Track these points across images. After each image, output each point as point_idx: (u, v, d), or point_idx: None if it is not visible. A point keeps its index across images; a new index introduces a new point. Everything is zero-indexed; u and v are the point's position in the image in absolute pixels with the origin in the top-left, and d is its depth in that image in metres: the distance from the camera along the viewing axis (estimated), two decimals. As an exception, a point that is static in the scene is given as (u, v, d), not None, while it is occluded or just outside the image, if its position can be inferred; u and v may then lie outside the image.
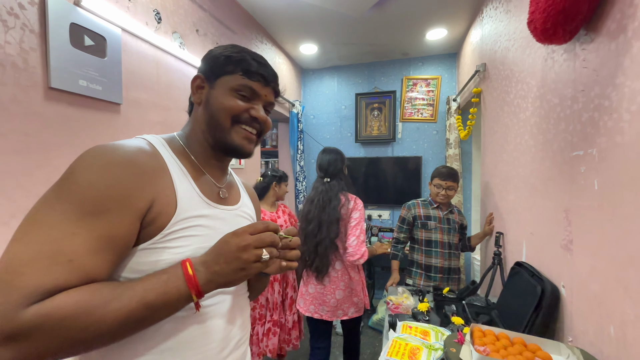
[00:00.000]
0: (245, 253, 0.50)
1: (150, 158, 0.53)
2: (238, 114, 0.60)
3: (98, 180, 0.46)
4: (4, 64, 0.91)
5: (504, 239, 1.66)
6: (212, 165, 0.65)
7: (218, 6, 1.97)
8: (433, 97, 3.21)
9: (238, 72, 0.60)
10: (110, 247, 0.46)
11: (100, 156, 0.48)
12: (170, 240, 0.52)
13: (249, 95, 0.61)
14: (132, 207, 0.47)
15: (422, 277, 1.95)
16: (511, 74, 1.56)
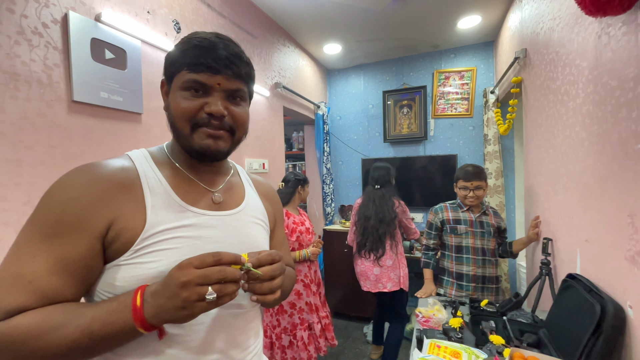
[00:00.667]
0: (184, 290, 0.43)
1: (117, 174, 0.52)
2: (192, 115, 0.54)
3: (56, 204, 0.47)
4: (30, 80, 0.97)
5: (552, 246, 1.46)
6: (201, 170, 0.62)
7: (238, 12, 1.98)
8: (468, 90, 2.98)
9: (184, 68, 0.54)
10: (67, 268, 0.46)
11: (64, 179, 0.49)
12: (141, 256, 0.50)
13: (201, 89, 0.54)
14: (87, 228, 0.47)
15: (454, 286, 1.79)
16: (557, 58, 1.36)
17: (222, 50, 0.54)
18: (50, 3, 1.01)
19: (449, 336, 1.16)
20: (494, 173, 2.70)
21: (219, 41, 0.55)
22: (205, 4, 1.71)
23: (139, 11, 1.33)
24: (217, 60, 0.53)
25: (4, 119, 0.91)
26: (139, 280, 0.49)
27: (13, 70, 0.93)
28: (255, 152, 2.20)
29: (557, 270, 1.40)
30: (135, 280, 0.49)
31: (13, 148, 0.92)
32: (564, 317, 1.09)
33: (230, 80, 0.55)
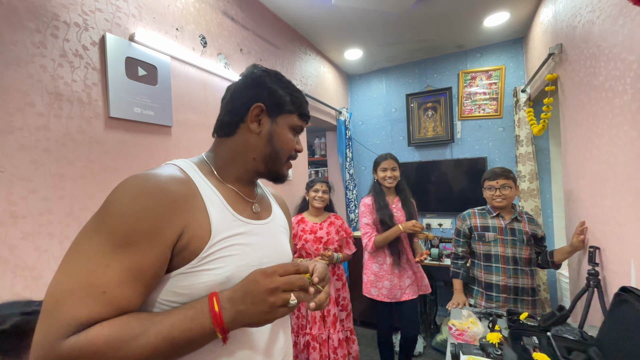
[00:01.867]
0: (272, 296, 0.48)
1: (181, 185, 0.54)
2: (292, 150, 0.67)
3: (128, 213, 0.47)
4: (71, 99, 1.03)
5: (600, 256, 1.34)
6: (242, 182, 0.67)
7: (260, 24, 2.02)
8: (496, 89, 2.85)
9: (296, 113, 0.66)
10: (140, 278, 0.47)
11: (132, 188, 0.49)
12: (208, 263, 0.53)
13: (298, 132, 0.69)
14: (161, 238, 0.48)
15: (483, 296, 1.68)
16: (599, 52, 1.27)
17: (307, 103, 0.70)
18: (89, 27, 1.08)
19: (487, 352, 1.09)
20: (528, 176, 2.55)
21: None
22: (229, 17, 1.77)
23: (169, 29, 1.39)
24: (308, 113, 0.70)
25: (49, 136, 0.97)
26: (206, 286, 0.51)
27: (57, 91, 0.99)
28: (279, 160, 2.22)
29: (606, 282, 1.28)
30: (202, 287, 0.51)
31: (57, 163, 0.98)
32: (619, 335, 0.99)
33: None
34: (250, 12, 1.94)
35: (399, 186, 2.00)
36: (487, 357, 1.07)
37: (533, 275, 1.66)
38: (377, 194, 1.94)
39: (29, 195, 0.92)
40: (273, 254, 0.66)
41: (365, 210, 1.95)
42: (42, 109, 0.96)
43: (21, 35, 0.92)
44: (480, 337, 1.21)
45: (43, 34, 0.97)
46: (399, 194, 2.00)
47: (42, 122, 0.95)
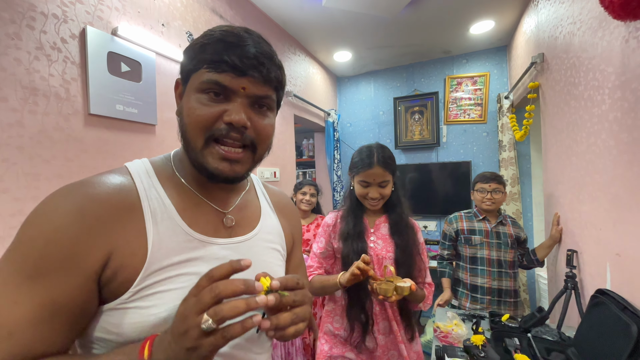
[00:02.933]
0: (185, 324, 0.35)
1: (114, 197, 0.42)
2: (208, 124, 0.44)
3: (37, 236, 0.38)
4: (48, 95, 0.98)
5: (578, 259, 1.39)
6: (211, 187, 0.52)
7: (249, 22, 2.00)
8: (481, 95, 2.93)
9: (202, 66, 0.44)
10: (56, 315, 0.38)
11: (47, 204, 0.40)
12: (141, 299, 0.41)
13: (222, 93, 0.45)
14: (77, 266, 0.38)
15: (469, 298, 1.72)
16: (578, 62, 1.31)
17: (251, 47, 0.44)
18: (68, 19, 1.03)
19: (471, 354, 1.11)
20: (510, 180, 2.62)
21: (247, 36, 0.45)
22: (217, 15, 1.73)
23: (154, 24, 1.35)
24: (243, 59, 0.43)
25: (23, 133, 0.92)
26: (138, 329, 0.41)
27: (32, 85, 0.94)
28: (266, 161, 2.18)
29: (583, 284, 1.33)
30: (133, 329, 0.41)
31: (31, 162, 0.93)
32: (594, 336, 1.02)
33: (258, 84, 0.45)
34: (240, 10, 1.91)
35: (391, 201, 1.15)
36: (471, 359, 1.08)
37: (516, 277, 1.70)
38: (351, 209, 1.15)
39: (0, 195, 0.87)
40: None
41: (322, 232, 1.18)
42: (16, 104, 0.90)
43: (-7, 25, 0.87)
44: (465, 339, 1.23)
45: (18, 24, 0.91)
46: (389, 212, 1.16)
47: (15, 118, 0.90)
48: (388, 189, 1.10)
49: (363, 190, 1.09)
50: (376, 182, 1.07)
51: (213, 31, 0.46)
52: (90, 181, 0.43)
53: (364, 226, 1.13)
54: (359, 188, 1.10)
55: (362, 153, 1.10)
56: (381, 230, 1.15)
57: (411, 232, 1.12)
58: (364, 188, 1.09)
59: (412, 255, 1.09)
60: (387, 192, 1.10)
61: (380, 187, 1.08)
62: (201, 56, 0.44)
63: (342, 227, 1.12)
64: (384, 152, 1.09)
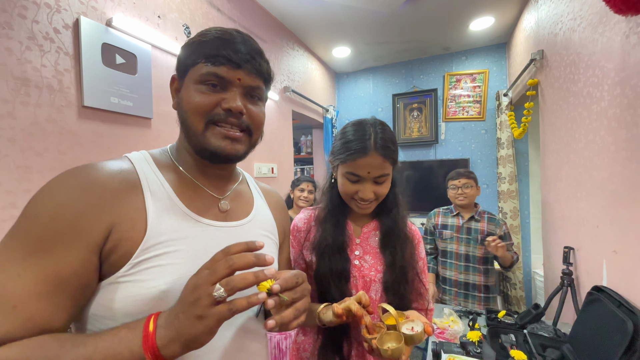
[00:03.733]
0: (197, 293, 0.37)
1: (115, 177, 0.45)
2: (207, 110, 0.49)
3: (43, 213, 0.39)
4: (40, 86, 0.96)
5: (574, 256, 1.39)
6: (209, 174, 0.56)
7: (247, 16, 1.97)
8: (480, 93, 2.92)
9: (201, 60, 0.49)
10: (59, 288, 0.39)
11: (52, 184, 0.42)
12: (141, 272, 0.43)
13: (219, 84, 0.49)
14: (81, 239, 0.40)
15: (440, 289, 1.83)
16: (578, 59, 1.31)
17: (242, 44, 0.50)
18: (61, 8, 1.01)
19: (467, 351, 1.11)
20: (508, 177, 2.63)
21: (238, 35, 0.51)
22: (215, 7, 1.71)
23: (150, 16, 1.33)
24: (238, 54, 0.49)
25: (15, 125, 0.90)
26: (137, 302, 0.42)
27: (24, 75, 0.92)
28: (264, 157, 2.18)
29: (580, 281, 1.34)
30: (133, 302, 0.42)
31: (22, 154, 0.91)
32: (590, 332, 1.03)
33: (251, 76, 0.51)
34: (237, 3, 1.88)
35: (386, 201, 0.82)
36: (467, 355, 1.08)
37: (487, 273, 1.70)
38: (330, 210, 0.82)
39: (-9, 188, 0.85)
40: None
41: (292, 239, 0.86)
42: (7, 95, 0.88)
43: (-17, 13, 0.85)
44: (461, 335, 1.23)
45: (9, 13, 0.89)
46: (382, 216, 0.84)
47: (6, 109, 0.88)
48: (386, 186, 0.76)
49: (351, 186, 0.74)
50: (371, 176, 0.72)
51: (208, 31, 0.52)
52: (94, 164, 0.46)
53: (346, 235, 0.80)
54: (345, 183, 0.75)
55: (353, 132, 0.74)
56: (369, 241, 0.81)
57: (409, 245, 0.80)
58: (353, 184, 0.74)
59: (407, 278, 0.77)
60: (384, 190, 0.76)
61: (377, 184, 0.74)
62: (199, 51, 0.49)
63: (316, 236, 0.80)
64: (384, 133, 0.73)
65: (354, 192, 0.74)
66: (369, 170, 0.71)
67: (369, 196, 0.73)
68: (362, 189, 0.73)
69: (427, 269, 1.69)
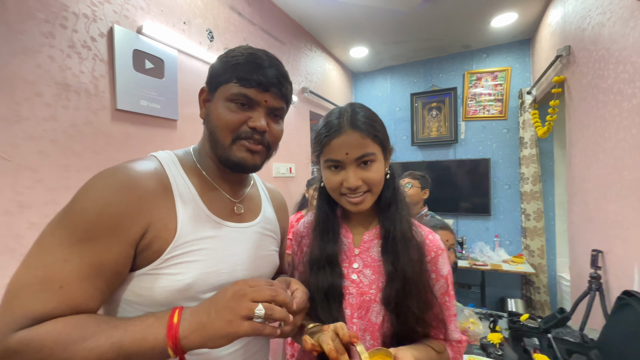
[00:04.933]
0: (237, 302, 0.44)
1: (151, 180, 0.50)
2: (236, 127, 0.55)
3: (90, 207, 0.44)
4: (79, 91, 1.03)
5: (603, 259, 1.34)
6: (226, 179, 0.61)
7: (266, 19, 2.02)
8: (502, 91, 2.84)
9: (233, 80, 0.54)
10: (100, 274, 0.44)
11: (99, 182, 0.47)
12: (170, 267, 0.49)
13: (247, 103, 0.55)
14: (123, 234, 0.46)
15: None
16: (608, 55, 1.26)
17: (271, 69, 0.55)
18: (97, 18, 1.08)
19: (487, 352, 1.09)
20: (531, 178, 2.54)
21: (267, 59, 0.56)
22: (236, 12, 1.76)
23: (176, 22, 1.39)
24: (267, 78, 0.54)
25: (57, 127, 0.97)
26: (165, 291, 0.48)
27: (65, 81, 0.99)
28: (282, 157, 2.22)
29: (609, 286, 1.29)
30: (161, 292, 0.48)
31: (63, 154, 0.99)
32: (620, 339, 0.99)
33: (276, 99, 0.57)
34: (257, 7, 1.93)
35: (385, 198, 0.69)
36: (488, 356, 1.07)
37: None
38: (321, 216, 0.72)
39: (35, 185, 0.92)
40: (250, 262, 0.60)
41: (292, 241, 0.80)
42: (50, 100, 0.96)
43: (29, 24, 0.92)
44: (481, 337, 1.21)
45: (52, 24, 0.96)
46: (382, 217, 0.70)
47: (49, 113, 0.95)
48: (375, 170, 0.63)
49: (334, 177, 0.64)
50: (351, 157, 0.61)
51: (241, 52, 0.56)
52: (131, 166, 0.51)
53: (340, 245, 0.69)
54: (328, 176, 0.65)
55: (326, 117, 0.66)
56: (371, 251, 0.68)
57: (414, 251, 0.64)
58: (335, 173, 0.64)
59: (413, 292, 0.61)
60: (373, 175, 0.62)
61: (362, 168, 0.62)
62: (232, 72, 0.54)
63: (308, 246, 0.71)
64: (363, 110, 0.66)
65: (338, 183, 0.63)
66: (346, 150, 0.61)
67: (354, 183, 0.61)
68: (346, 176, 0.62)
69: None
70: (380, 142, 0.65)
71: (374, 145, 0.63)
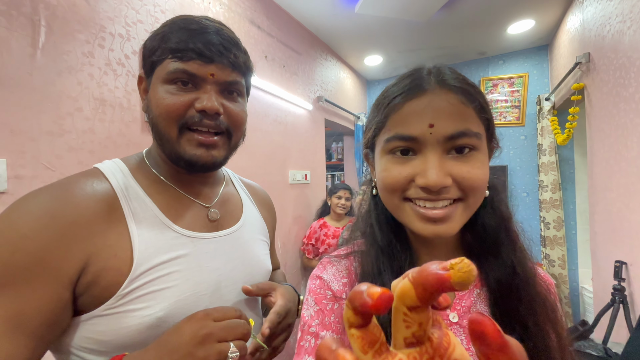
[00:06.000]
0: (202, 348, 0.34)
1: (90, 199, 0.40)
2: (180, 113, 0.43)
3: (3, 245, 0.35)
4: (114, 105, 1.11)
5: (627, 271, 1.31)
6: (191, 181, 0.51)
7: (284, 31, 2.08)
8: (519, 97, 2.81)
9: (167, 56, 0.43)
10: (22, 328, 0.35)
11: (13, 211, 0.38)
12: (132, 301, 0.39)
13: (190, 81, 0.44)
14: (48, 273, 0.36)
15: None
16: (629, 63, 1.24)
17: (214, 35, 0.44)
18: (131, 37, 1.16)
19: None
20: (550, 186, 2.49)
21: (209, 24, 0.45)
22: (255, 25, 1.83)
23: (200, 38, 1.47)
24: (209, 46, 0.43)
25: (94, 139, 1.04)
26: (132, 332, 0.39)
27: (102, 97, 1.07)
28: (298, 164, 2.26)
29: (633, 298, 1.25)
30: (128, 332, 0.39)
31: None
32: (645, 353, 0.97)
33: (226, 70, 0.45)
34: (276, 20, 2.00)
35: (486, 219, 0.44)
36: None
37: None
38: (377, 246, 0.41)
39: (75, 193, 1.00)
40: (236, 275, 0.50)
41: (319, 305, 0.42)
42: (89, 114, 1.03)
43: (73, 45, 1.00)
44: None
45: (91, 44, 1.05)
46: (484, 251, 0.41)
47: (88, 126, 1.03)
48: (479, 164, 0.38)
49: (400, 169, 0.37)
50: (439, 132, 0.35)
51: (173, 21, 0.45)
52: (61, 184, 0.41)
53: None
54: (390, 166, 0.38)
55: (397, 79, 0.44)
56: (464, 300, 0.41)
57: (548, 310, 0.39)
58: (403, 162, 0.37)
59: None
60: (475, 173, 0.37)
61: (452, 157, 0.37)
62: (164, 46, 0.43)
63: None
64: (450, 70, 0.41)
65: (406, 178, 0.36)
66: (431, 119, 0.35)
67: (437, 179, 0.34)
68: (423, 166, 0.36)
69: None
70: (487, 121, 0.39)
71: (479, 123, 0.37)
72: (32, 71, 0.91)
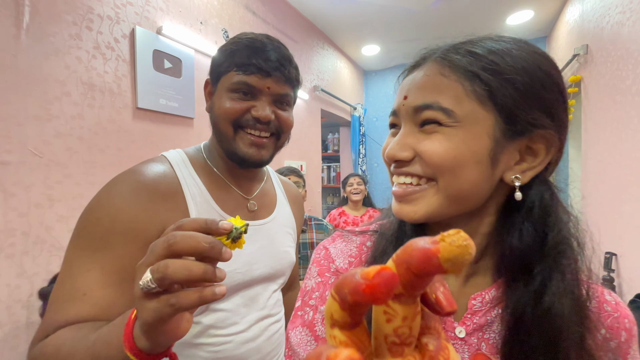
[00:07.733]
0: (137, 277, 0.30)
1: (162, 182, 0.50)
2: (237, 117, 0.52)
3: (104, 216, 0.45)
4: (103, 90, 1.08)
5: (617, 262, 1.33)
6: (238, 175, 0.59)
7: (280, 18, 2.04)
8: (516, 89, 2.80)
9: (232, 68, 0.52)
10: (124, 279, 0.44)
11: (109, 190, 0.48)
12: None
13: (249, 92, 0.52)
14: (139, 237, 0.46)
15: None
16: (627, 55, 1.24)
17: (272, 52, 0.52)
18: (120, 20, 1.12)
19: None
20: (545, 178, 2.51)
21: (269, 42, 0.53)
22: (250, 11, 1.79)
23: (193, 22, 1.43)
24: (268, 63, 0.51)
25: (83, 125, 1.02)
26: None
27: (90, 81, 1.04)
28: (294, 154, 2.25)
29: (622, 289, 1.28)
30: None
31: (89, 151, 1.04)
32: (631, 341, 0.99)
33: (280, 84, 0.53)
34: (271, 6, 1.95)
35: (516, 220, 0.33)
36: None
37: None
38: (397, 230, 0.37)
39: (64, 180, 0.98)
40: (266, 259, 0.58)
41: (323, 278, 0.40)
42: (77, 99, 1.01)
43: (59, 27, 0.97)
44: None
45: (79, 26, 1.01)
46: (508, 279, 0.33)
47: (77, 111, 1.00)
48: (443, 138, 0.32)
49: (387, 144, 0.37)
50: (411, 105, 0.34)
51: (240, 39, 0.54)
52: (138, 170, 0.50)
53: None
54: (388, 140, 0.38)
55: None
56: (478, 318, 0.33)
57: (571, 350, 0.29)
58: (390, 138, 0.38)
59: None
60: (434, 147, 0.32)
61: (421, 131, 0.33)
62: (231, 60, 0.52)
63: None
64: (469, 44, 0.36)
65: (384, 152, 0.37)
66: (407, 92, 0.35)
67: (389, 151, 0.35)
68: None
69: None
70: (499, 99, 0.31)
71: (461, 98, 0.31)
72: (17, 53, 0.88)
